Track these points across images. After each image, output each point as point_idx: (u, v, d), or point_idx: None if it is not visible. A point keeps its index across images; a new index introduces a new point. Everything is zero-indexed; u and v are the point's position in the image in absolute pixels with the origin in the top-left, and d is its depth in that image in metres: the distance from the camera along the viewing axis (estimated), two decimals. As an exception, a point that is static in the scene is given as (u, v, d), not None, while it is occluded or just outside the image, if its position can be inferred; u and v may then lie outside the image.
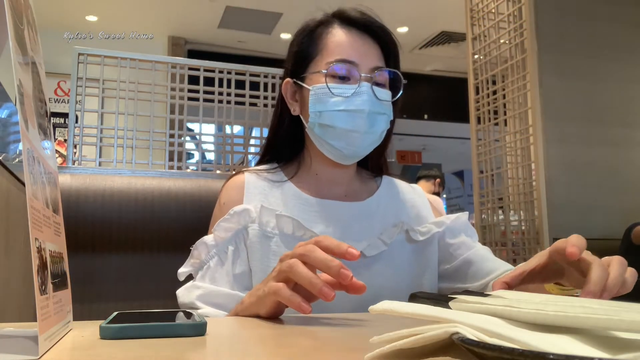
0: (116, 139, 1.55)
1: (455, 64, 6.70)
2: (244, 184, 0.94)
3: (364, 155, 0.94)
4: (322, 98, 0.90)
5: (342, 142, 0.90)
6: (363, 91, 0.88)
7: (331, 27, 0.94)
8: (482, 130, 3.20)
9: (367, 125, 0.88)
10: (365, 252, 0.89)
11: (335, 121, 0.89)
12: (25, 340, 0.43)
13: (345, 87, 0.88)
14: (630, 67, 3.36)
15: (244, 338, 0.51)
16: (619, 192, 3.16)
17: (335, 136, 0.90)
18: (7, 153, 1.60)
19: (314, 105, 0.90)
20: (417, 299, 0.63)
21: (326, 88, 0.89)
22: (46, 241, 0.43)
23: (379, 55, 0.93)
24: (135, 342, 0.45)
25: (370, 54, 0.92)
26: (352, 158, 0.93)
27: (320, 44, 0.93)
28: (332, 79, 0.90)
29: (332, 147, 0.91)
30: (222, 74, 1.67)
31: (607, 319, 0.28)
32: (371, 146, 0.92)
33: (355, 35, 0.92)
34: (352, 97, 0.88)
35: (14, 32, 0.39)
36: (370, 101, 0.88)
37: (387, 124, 0.93)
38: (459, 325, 0.30)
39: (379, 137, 0.92)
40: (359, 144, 0.90)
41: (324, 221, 0.90)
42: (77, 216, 1.08)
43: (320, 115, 0.90)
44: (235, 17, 5.62)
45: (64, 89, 5.52)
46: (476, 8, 3.29)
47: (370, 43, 0.92)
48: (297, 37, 0.97)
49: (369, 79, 0.89)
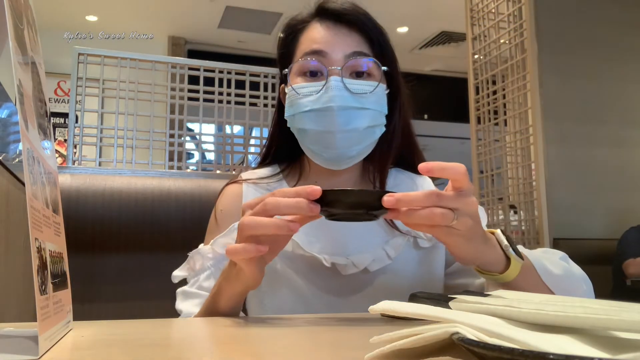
0: (116, 139, 1.55)
1: (455, 64, 6.70)
2: (241, 196, 0.89)
3: (357, 158, 0.85)
4: (293, 100, 0.83)
5: (319, 146, 0.83)
6: (331, 86, 0.79)
7: (308, 23, 0.88)
8: (482, 130, 3.20)
9: (341, 123, 0.79)
10: (369, 268, 0.82)
11: (306, 123, 0.82)
12: (25, 340, 0.43)
13: (311, 85, 0.81)
14: (630, 67, 3.36)
15: (244, 338, 0.51)
16: (619, 192, 3.16)
17: (311, 140, 0.83)
18: (7, 153, 1.60)
19: (288, 109, 0.85)
20: (417, 299, 0.63)
21: (293, 89, 0.82)
22: (46, 241, 0.43)
23: (357, 43, 0.84)
24: (135, 342, 0.45)
25: (343, 42, 0.83)
26: (340, 162, 0.84)
27: (296, 42, 0.88)
28: (303, 77, 0.83)
29: (313, 153, 0.85)
30: (222, 74, 1.67)
31: (607, 319, 0.28)
32: (358, 145, 0.82)
33: (329, 25, 0.85)
34: (321, 95, 0.80)
35: (14, 32, 0.39)
36: (340, 96, 0.79)
37: (376, 118, 0.83)
38: (459, 325, 0.30)
39: (366, 135, 0.83)
40: (338, 145, 0.81)
41: (325, 235, 0.84)
42: (77, 216, 1.08)
43: (294, 119, 0.84)
44: (235, 17, 5.62)
45: (64, 89, 5.52)
46: (476, 8, 3.29)
47: (345, 31, 0.84)
48: (279, 37, 0.92)
49: (337, 72, 0.80)
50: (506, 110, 3.11)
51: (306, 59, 0.83)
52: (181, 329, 0.57)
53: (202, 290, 0.81)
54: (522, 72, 2.97)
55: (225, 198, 0.91)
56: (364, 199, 0.60)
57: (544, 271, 0.73)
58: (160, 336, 0.51)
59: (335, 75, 0.80)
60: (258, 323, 0.60)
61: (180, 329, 0.57)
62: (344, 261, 0.82)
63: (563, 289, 0.73)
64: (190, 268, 0.85)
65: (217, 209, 0.91)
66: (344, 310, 0.80)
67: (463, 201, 0.60)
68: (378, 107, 0.82)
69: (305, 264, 0.83)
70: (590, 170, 3.14)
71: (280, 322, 0.61)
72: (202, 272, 0.83)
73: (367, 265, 0.82)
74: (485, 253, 0.67)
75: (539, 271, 0.73)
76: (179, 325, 0.62)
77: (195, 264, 0.84)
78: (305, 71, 0.83)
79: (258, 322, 0.61)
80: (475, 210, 0.62)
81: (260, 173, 0.94)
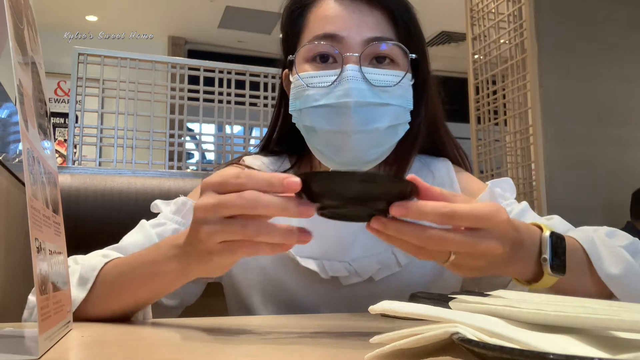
0: (116, 139, 1.55)
1: (455, 64, 6.69)
2: None
3: (375, 162, 0.71)
4: (299, 92, 0.69)
5: (330, 148, 0.69)
6: (348, 76, 0.65)
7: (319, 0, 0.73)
8: (482, 130, 3.20)
9: (359, 122, 0.65)
10: (375, 277, 0.72)
11: (315, 121, 0.68)
12: (25, 340, 0.43)
13: (323, 74, 0.67)
14: (630, 67, 3.36)
15: (244, 338, 0.51)
16: (619, 192, 3.16)
17: (320, 141, 0.69)
18: (7, 153, 1.60)
19: (293, 102, 0.70)
20: (417, 298, 0.63)
21: (300, 79, 0.68)
22: (46, 241, 0.43)
23: (379, 23, 0.70)
24: (135, 342, 0.45)
25: (363, 23, 0.69)
26: (355, 166, 0.69)
27: (304, 20, 0.73)
28: (312, 64, 0.70)
29: (323, 155, 0.71)
30: (222, 74, 1.67)
31: (607, 319, 0.28)
32: (378, 148, 0.69)
33: (345, 2, 0.70)
34: (335, 87, 0.66)
35: (14, 32, 0.39)
36: (358, 89, 0.65)
37: (400, 116, 0.69)
38: (459, 325, 0.30)
39: (388, 136, 0.69)
40: (353, 147, 0.67)
41: (320, 231, 0.61)
42: (77, 216, 1.08)
43: (300, 115, 0.70)
44: (235, 17, 5.61)
45: (64, 89, 5.52)
46: (476, 8, 3.29)
47: (364, 9, 0.70)
48: (282, 13, 0.78)
49: (355, 59, 0.66)
50: (506, 110, 3.11)
51: (318, 43, 0.69)
52: (181, 329, 0.57)
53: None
54: (522, 72, 2.97)
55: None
56: (371, 190, 0.45)
57: (600, 270, 0.61)
58: (160, 336, 0.51)
59: (353, 63, 0.66)
60: (258, 323, 0.60)
61: (181, 329, 0.57)
62: (344, 271, 0.72)
63: (624, 291, 0.60)
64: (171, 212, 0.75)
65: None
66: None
67: (474, 244, 0.47)
68: (403, 102, 0.69)
69: (299, 272, 0.74)
70: (590, 170, 3.14)
71: (280, 322, 0.61)
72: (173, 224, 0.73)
73: (372, 274, 0.72)
74: (503, 270, 0.54)
75: (597, 270, 0.61)
76: (179, 325, 0.62)
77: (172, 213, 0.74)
78: (315, 55, 0.70)
79: (258, 321, 0.61)
80: (494, 254, 0.49)
81: (266, 161, 0.82)
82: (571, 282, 0.57)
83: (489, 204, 0.49)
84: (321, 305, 0.74)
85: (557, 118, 3.09)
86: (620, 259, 0.62)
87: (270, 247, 0.47)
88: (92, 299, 0.57)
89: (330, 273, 0.72)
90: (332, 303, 0.73)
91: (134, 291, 0.57)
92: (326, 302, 0.73)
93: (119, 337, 0.49)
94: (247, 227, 0.46)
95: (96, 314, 0.58)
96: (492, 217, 0.48)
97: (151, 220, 0.75)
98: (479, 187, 0.80)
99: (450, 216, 0.46)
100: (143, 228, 0.73)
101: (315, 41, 0.69)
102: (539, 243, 0.55)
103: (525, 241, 0.54)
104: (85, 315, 0.58)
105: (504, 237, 0.48)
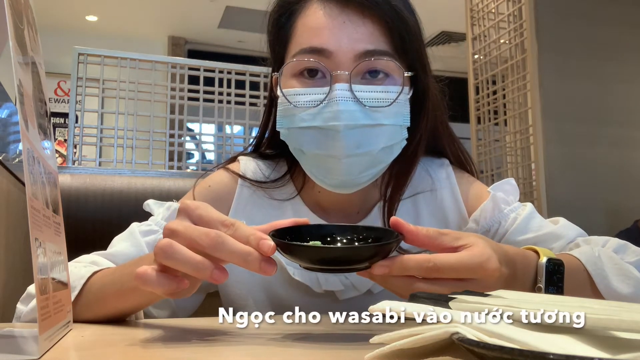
0: (116, 139, 1.55)
1: (455, 64, 6.69)
2: (232, 195, 0.74)
3: (369, 182, 0.68)
4: (287, 109, 0.64)
5: (321, 170, 0.65)
6: (337, 96, 0.60)
7: (306, 2, 0.67)
8: (482, 130, 3.20)
9: (349, 146, 0.61)
10: (373, 289, 0.69)
11: (304, 143, 0.64)
12: (25, 340, 0.43)
13: (310, 92, 0.62)
14: (630, 67, 3.36)
15: (244, 338, 0.51)
16: (619, 192, 3.16)
17: (310, 162, 0.66)
18: (7, 153, 1.60)
19: (281, 121, 0.66)
20: (417, 298, 0.62)
21: (285, 97, 0.64)
22: (46, 241, 0.43)
23: (372, 35, 0.64)
24: (134, 342, 0.45)
25: (353, 35, 0.62)
26: (346, 189, 0.67)
27: (291, 28, 0.68)
28: (299, 79, 0.65)
29: (314, 176, 0.67)
30: (222, 74, 1.67)
31: (607, 319, 0.28)
32: (371, 170, 0.66)
33: (333, 9, 0.64)
34: (323, 107, 0.61)
35: (14, 32, 0.39)
36: (348, 112, 0.60)
37: (395, 135, 0.65)
38: (459, 325, 0.30)
39: (382, 157, 0.65)
40: (344, 172, 0.63)
41: None
42: (77, 216, 1.08)
43: (288, 135, 0.66)
44: (235, 17, 5.61)
45: (64, 89, 5.52)
46: (476, 8, 3.29)
47: (355, 19, 0.63)
48: (268, 16, 0.72)
49: (345, 77, 0.61)
50: (506, 110, 3.11)
51: (305, 57, 0.64)
52: (181, 329, 0.57)
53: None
54: (522, 72, 2.97)
55: (216, 185, 0.76)
56: (344, 255, 0.47)
57: (607, 290, 0.59)
58: (160, 336, 0.51)
59: (342, 82, 0.61)
60: (257, 322, 0.60)
61: (181, 329, 0.57)
62: (340, 285, 0.69)
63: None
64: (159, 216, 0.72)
65: (202, 186, 0.75)
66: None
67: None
68: (399, 120, 0.64)
69: (294, 285, 0.71)
70: (590, 170, 3.14)
71: (280, 322, 0.61)
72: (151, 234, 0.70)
73: (370, 287, 0.69)
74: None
75: (602, 291, 0.59)
76: (180, 325, 0.62)
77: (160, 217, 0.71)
78: (302, 70, 0.65)
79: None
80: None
81: (261, 165, 0.78)
82: None
83: (478, 252, 0.47)
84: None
85: (557, 118, 3.09)
86: (630, 276, 0.60)
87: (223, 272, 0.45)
88: (78, 307, 0.57)
89: (324, 287, 0.69)
90: None
91: (117, 302, 0.57)
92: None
93: (119, 338, 0.49)
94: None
95: (83, 320, 0.58)
96: (479, 269, 0.47)
97: (142, 226, 0.73)
98: (481, 192, 0.77)
99: (435, 270, 0.46)
100: (133, 236, 0.71)
101: (302, 55, 0.64)
102: (535, 271, 0.54)
103: (519, 273, 0.53)
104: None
105: (494, 285, 0.47)
